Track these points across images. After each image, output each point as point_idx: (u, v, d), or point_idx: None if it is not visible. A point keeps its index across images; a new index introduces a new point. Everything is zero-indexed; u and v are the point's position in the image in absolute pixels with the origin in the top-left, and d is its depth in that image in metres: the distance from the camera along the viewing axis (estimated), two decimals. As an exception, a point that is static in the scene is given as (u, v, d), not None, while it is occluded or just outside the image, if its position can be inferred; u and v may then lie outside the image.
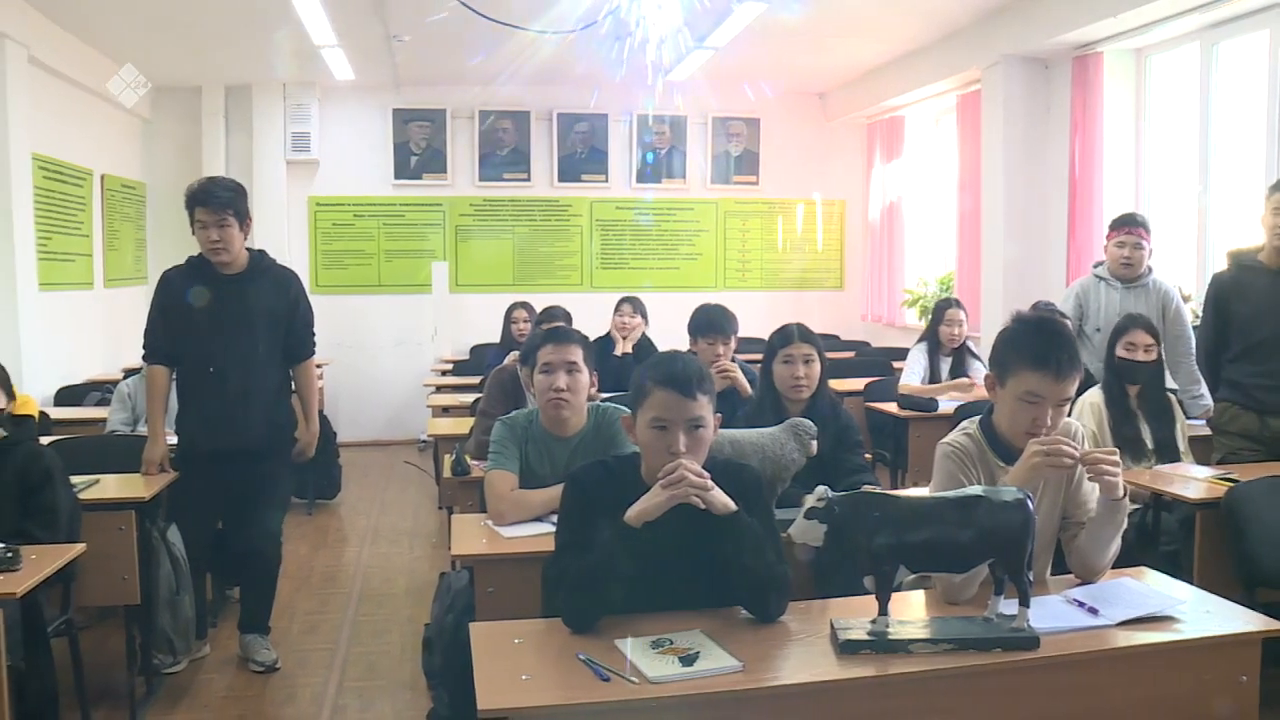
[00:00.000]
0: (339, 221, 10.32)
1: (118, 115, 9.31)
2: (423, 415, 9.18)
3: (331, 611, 5.48)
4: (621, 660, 2.23)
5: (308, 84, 9.86)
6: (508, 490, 3.42)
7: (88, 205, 8.56)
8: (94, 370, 8.26)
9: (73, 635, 3.82)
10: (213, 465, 4.50)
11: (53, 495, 3.63)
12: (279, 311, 4.57)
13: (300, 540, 6.58)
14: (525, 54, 8.62)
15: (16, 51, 6.87)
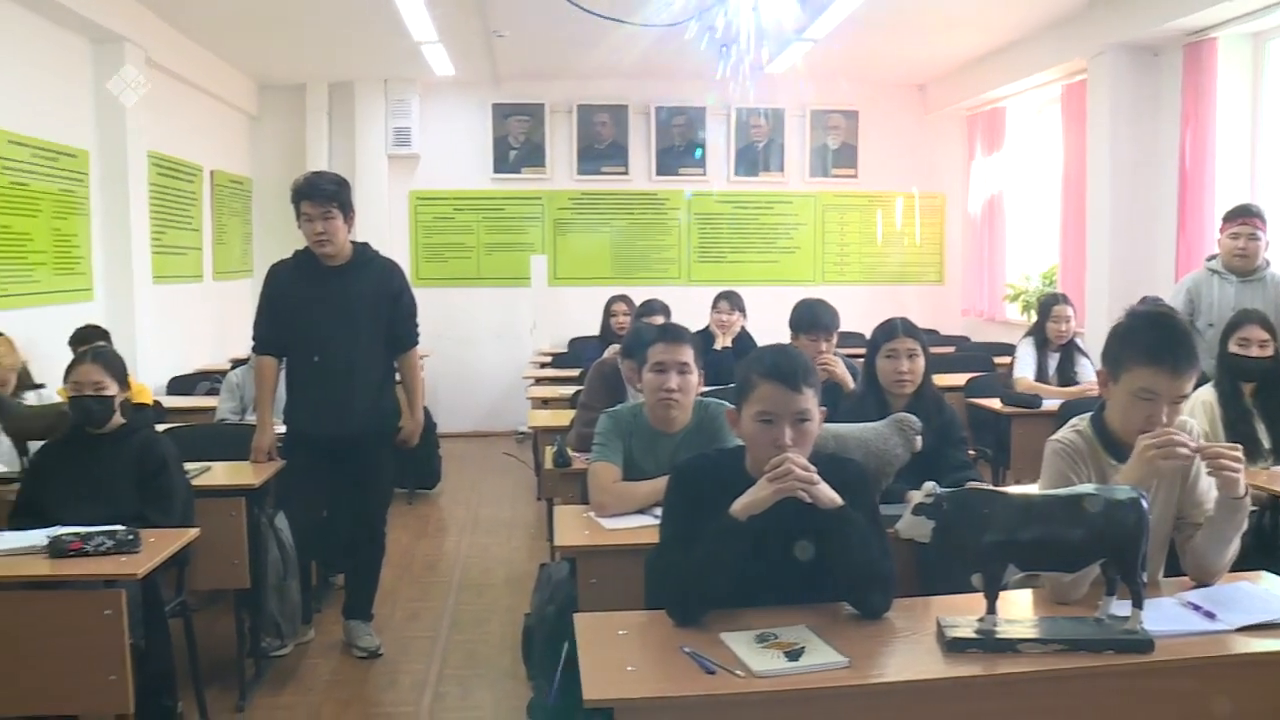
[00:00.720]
0: (439, 215, 10.46)
1: (227, 113, 9.56)
2: (521, 407, 9.28)
3: (432, 600, 5.56)
4: (726, 653, 2.23)
5: (408, 80, 10.00)
6: (611, 482, 3.44)
7: (198, 200, 8.80)
8: (203, 361, 8.49)
9: (187, 617, 3.94)
10: (319, 454, 4.60)
11: (168, 481, 3.74)
12: (382, 302, 4.64)
13: (402, 529, 6.68)
14: (624, 47, 8.64)
15: (135, 54, 7.08)
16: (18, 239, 5.94)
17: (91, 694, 3.13)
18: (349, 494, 4.72)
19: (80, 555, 3.16)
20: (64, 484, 3.70)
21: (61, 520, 3.48)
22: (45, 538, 3.24)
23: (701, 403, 3.61)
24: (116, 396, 3.77)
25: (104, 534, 3.22)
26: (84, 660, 3.09)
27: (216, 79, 8.94)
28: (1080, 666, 2.20)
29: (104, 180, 6.97)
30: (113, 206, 7.02)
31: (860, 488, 2.61)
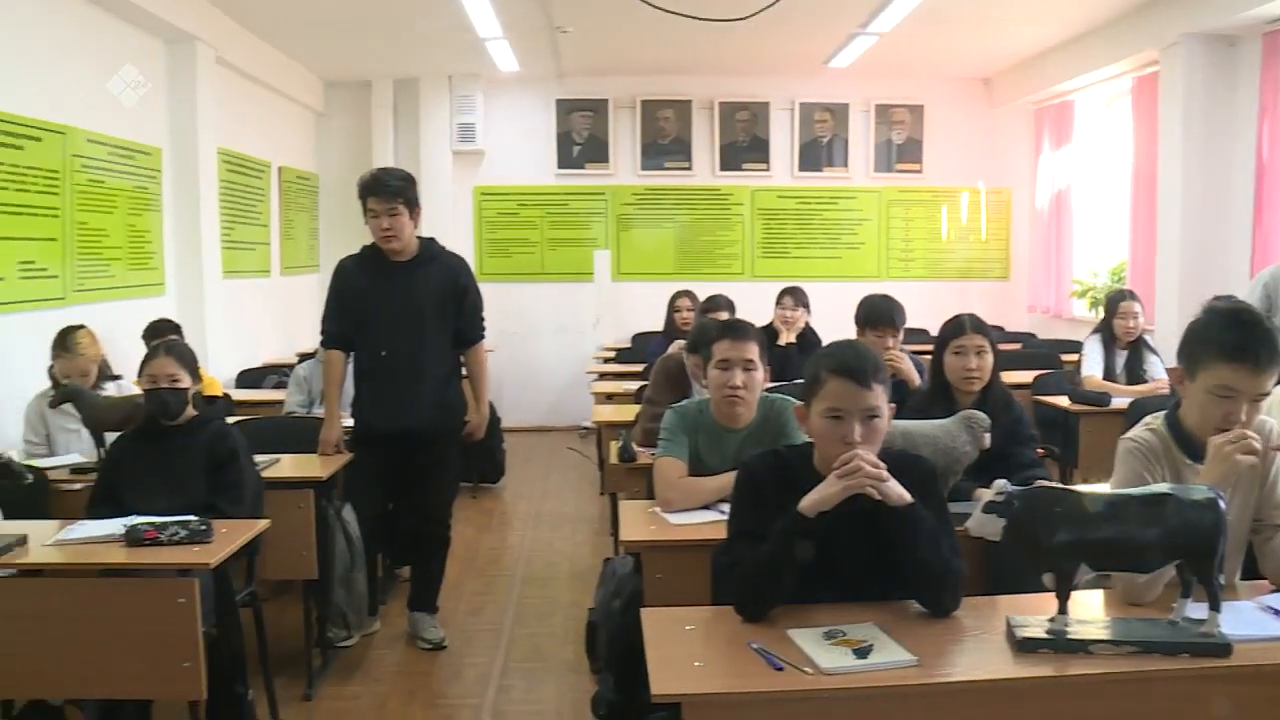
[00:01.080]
0: (503, 210, 10.53)
1: (294, 110, 9.69)
2: (584, 402, 9.31)
3: (496, 593, 5.60)
4: (794, 650, 2.22)
5: (473, 76, 10.06)
6: (676, 478, 3.44)
7: (266, 196, 8.93)
8: (270, 354, 8.62)
9: (256, 606, 4.00)
10: (386, 447, 4.64)
11: (239, 472, 3.79)
12: (449, 297, 4.67)
13: (466, 523, 6.73)
14: (688, 42, 8.64)
15: (206, 53, 7.21)
16: (95, 235, 6.07)
17: (165, 680, 3.18)
18: (415, 488, 4.77)
19: (155, 544, 3.22)
20: (138, 474, 3.77)
21: (136, 509, 3.54)
22: (122, 527, 3.30)
23: (767, 398, 3.60)
24: (190, 389, 3.84)
25: (178, 524, 3.28)
26: (158, 647, 3.14)
27: (284, 77, 9.07)
28: (1155, 669, 2.17)
29: (176, 177, 7.11)
30: (184, 203, 7.15)
31: (929, 485, 2.59)
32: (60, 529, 3.44)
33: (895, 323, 4.84)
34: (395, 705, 4.25)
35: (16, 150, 5.29)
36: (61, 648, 3.19)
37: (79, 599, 3.22)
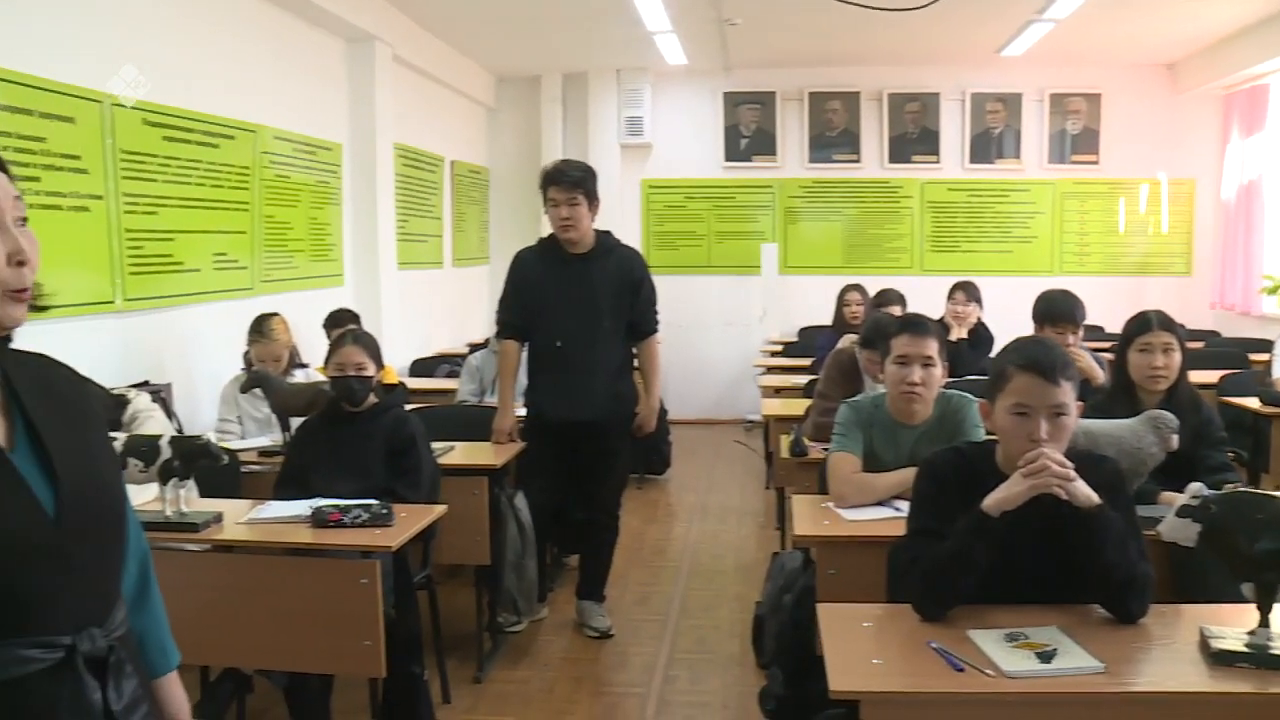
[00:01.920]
0: (670, 203, 10.58)
1: (466, 105, 9.92)
2: (750, 395, 9.30)
3: (662, 584, 5.63)
4: (974, 651, 2.18)
5: (640, 70, 10.13)
6: (851, 473, 3.41)
7: (439, 190, 9.17)
8: (442, 344, 8.86)
9: (431, 590, 4.12)
10: (558, 437, 4.72)
11: (417, 458, 3.90)
12: (624, 290, 4.72)
13: (632, 514, 6.79)
14: (857, 33, 8.54)
15: (384, 51, 7.44)
16: (280, 228, 6.33)
17: (347, 657, 3.31)
18: (585, 477, 4.83)
19: (339, 526, 3.35)
20: (322, 457, 3.91)
21: (319, 491, 3.70)
22: (308, 508, 3.45)
23: (944, 395, 3.53)
24: (373, 377, 3.97)
25: (361, 507, 3.40)
26: (341, 625, 3.27)
27: (457, 73, 9.28)
28: (1368, 689, 2.06)
29: (355, 171, 7.35)
30: (362, 196, 7.39)
31: (1117, 486, 2.51)
32: (251, 508, 3.61)
33: (1076, 318, 4.69)
34: (563, 691, 4.32)
35: (213, 149, 5.56)
36: (252, 620, 3.35)
37: (268, 575, 3.38)
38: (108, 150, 4.71)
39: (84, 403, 1.58)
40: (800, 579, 3.69)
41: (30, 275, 1.42)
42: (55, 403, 1.51)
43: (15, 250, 1.40)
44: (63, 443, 1.47)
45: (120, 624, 1.53)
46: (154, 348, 5.15)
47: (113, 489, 1.55)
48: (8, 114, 4.10)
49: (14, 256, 1.40)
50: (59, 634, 1.41)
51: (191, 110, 5.36)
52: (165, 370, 5.14)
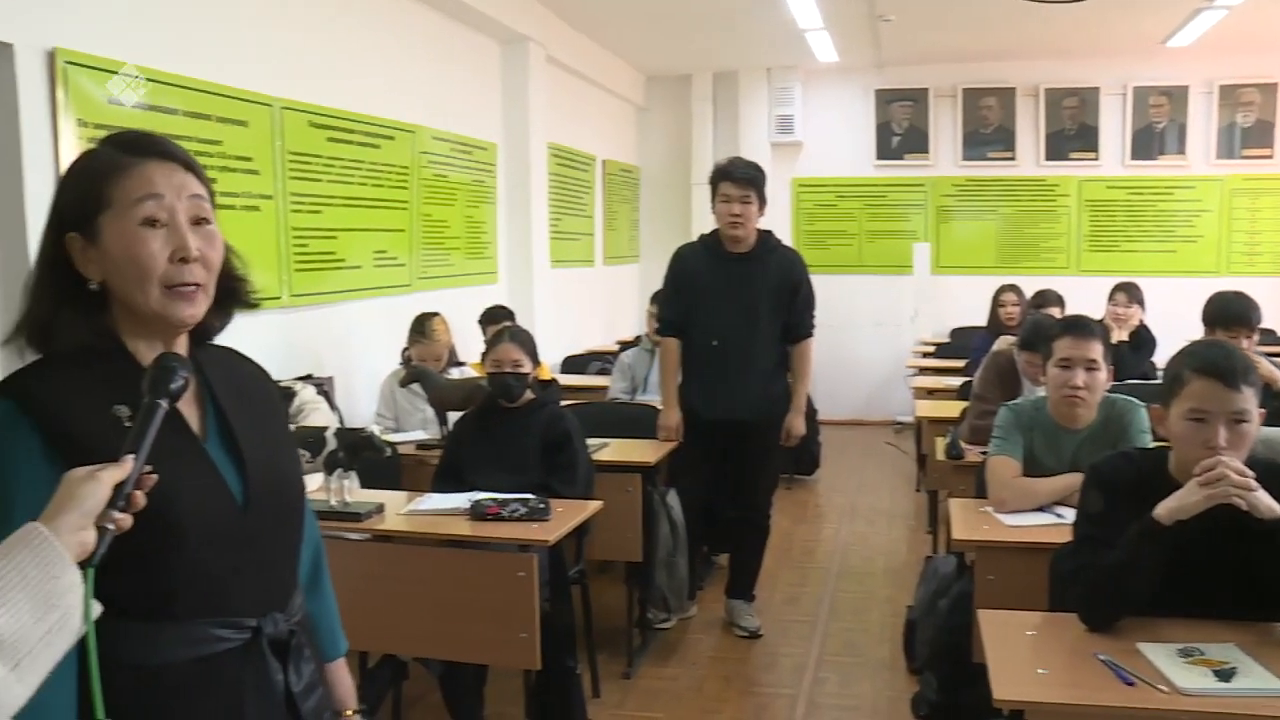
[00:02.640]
0: (821, 202, 10.48)
1: (617, 104, 10.00)
2: (900, 396, 9.18)
3: (811, 585, 5.59)
4: (1145, 665, 2.10)
5: (791, 67, 10.05)
6: (1011, 478, 3.32)
7: (591, 189, 9.27)
8: (593, 342, 8.94)
9: (584, 585, 4.17)
10: (711, 435, 4.72)
11: (572, 454, 3.95)
12: (782, 291, 4.70)
13: (781, 513, 6.72)
14: (1013, 27, 8.32)
15: (537, 52, 7.54)
16: (437, 226, 6.48)
17: (503, 648, 3.36)
18: (737, 476, 4.83)
19: (497, 520, 3.41)
20: (479, 452, 3.99)
21: (476, 485, 3.77)
22: (467, 501, 3.52)
23: (1109, 399, 3.42)
24: (530, 374, 4.03)
25: (518, 501, 3.46)
26: (498, 617, 3.32)
27: (608, 72, 9.36)
28: None
29: (509, 171, 7.47)
30: (516, 195, 7.50)
31: (1303, 498, 2.38)
32: (410, 500, 3.70)
33: (1250, 321, 4.47)
34: (711, 689, 4.32)
35: (374, 149, 5.72)
36: (410, 610, 3.43)
37: (427, 566, 3.46)
38: (277, 152, 4.89)
39: (268, 396, 1.66)
40: (955, 584, 3.63)
41: (198, 272, 1.46)
42: (244, 396, 1.59)
43: (180, 247, 1.44)
44: (250, 434, 1.54)
45: (299, 609, 1.61)
46: (316, 342, 5.32)
47: (294, 479, 1.63)
48: (188, 119, 4.30)
49: (178, 253, 1.45)
50: (245, 616, 1.48)
51: (354, 112, 5.53)
52: (327, 364, 5.31)
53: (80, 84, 3.77)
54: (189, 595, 1.43)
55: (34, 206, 3.61)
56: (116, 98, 3.94)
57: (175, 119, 4.22)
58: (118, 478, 1.22)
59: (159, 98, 4.15)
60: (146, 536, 1.30)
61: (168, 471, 1.33)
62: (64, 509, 1.17)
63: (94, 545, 1.17)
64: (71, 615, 1.12)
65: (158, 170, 1.46)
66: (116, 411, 1.32)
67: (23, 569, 1.10)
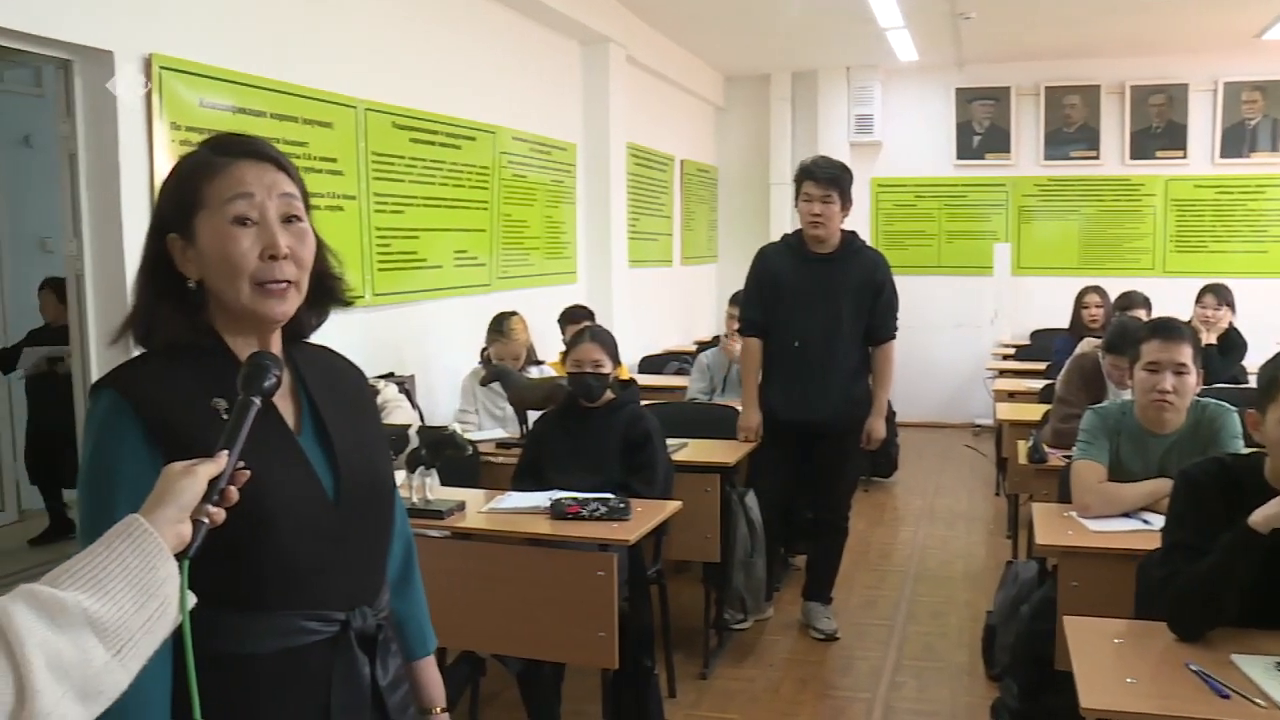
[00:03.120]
0: (900, 202, 10.38)
1: (696, 105, 10.00)
2: (979, 399, 9.07)
3: (888, 588, 5.54)
4: (1239, 677, 2.06)
5: (871, 67, 9.98)
6: (1096, 482, 3.26)
7: (669, 189, 9.27)
8: (670, 342, 8.96)
9: (662, 584, 4.17)
10: (791, 436, 4.70)
11: (652, 454, 3.95)
12: (865, 292, 4.66)
13: (858, 515, 6.66)
14: (1098, 22, 8.17)
15: (618, 53, 7.58)
16: (517, 226, 6.53)
17: (582, 647, 3.38)
18: (817, 478, 4.80)
19: (578, 519, 3.43)
20: (558, 451, 4.01)
21: (555, 484, 3.79)
22: (547, 500, 3.54)
23: (1199, 403, 3.34)
24: (610, 374, 4.04)
25: (599, 500, 3.47)
26: (577, 615, 3.34)
27: (687, 73, 9.36)
28: None
29: (588, 171, 7.51)
30: (595, 195, 7.54)
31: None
32: (490, 498, 3.73)
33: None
34: (787, 691, 4.30)
35: (455, 149, 5.78)
36: (489, 607, 3.46)
37: (506, 564, 3.48)
38: (360, 153, 4.96)
39: (361, 394, 1.69)
40: (1037, 590, 3.58)
41: (288, 269, 1.49)
42: (338, 393, 1.62)
43: (269, 245, 1.47)
44: (343, 429, 1.57)
45: (386, 605, 1.63)
46: (398, 340, 5.39)
47: (384, 475, 1.65)
48: (276, 121, 4.38)
49: (267, 250, 1.47)
50: (334, 609, 1.51)
51: (436, 113, 5.59)
52: (407, 362, 5.37)
53: (174, 88, 3.86)
54: (279, 587, 1.46)
55: (130, 208, 3.71)
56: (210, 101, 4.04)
57: (263, 121, 4.30)
58: (213, 473, 1.24)
59: (248, 100, 4.24)
60: (240, 528, 1.33)
61: (262, 465, 1.36)
62: (162, 502, 1.20)
63: (190, 538, 1.20)
64: (169, 605, 1.15)
65: (249, 169, 1.50)
66: (215, 405, 1.35)
67: (124, 560, 1.13)
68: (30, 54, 3.59)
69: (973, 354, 9.84)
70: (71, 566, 1.11)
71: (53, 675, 1.03)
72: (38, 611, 1.05)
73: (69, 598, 1.07)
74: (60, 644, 1.04)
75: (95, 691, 1.07)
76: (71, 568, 1.11)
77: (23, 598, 1.06)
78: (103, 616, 1.08)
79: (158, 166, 3.77)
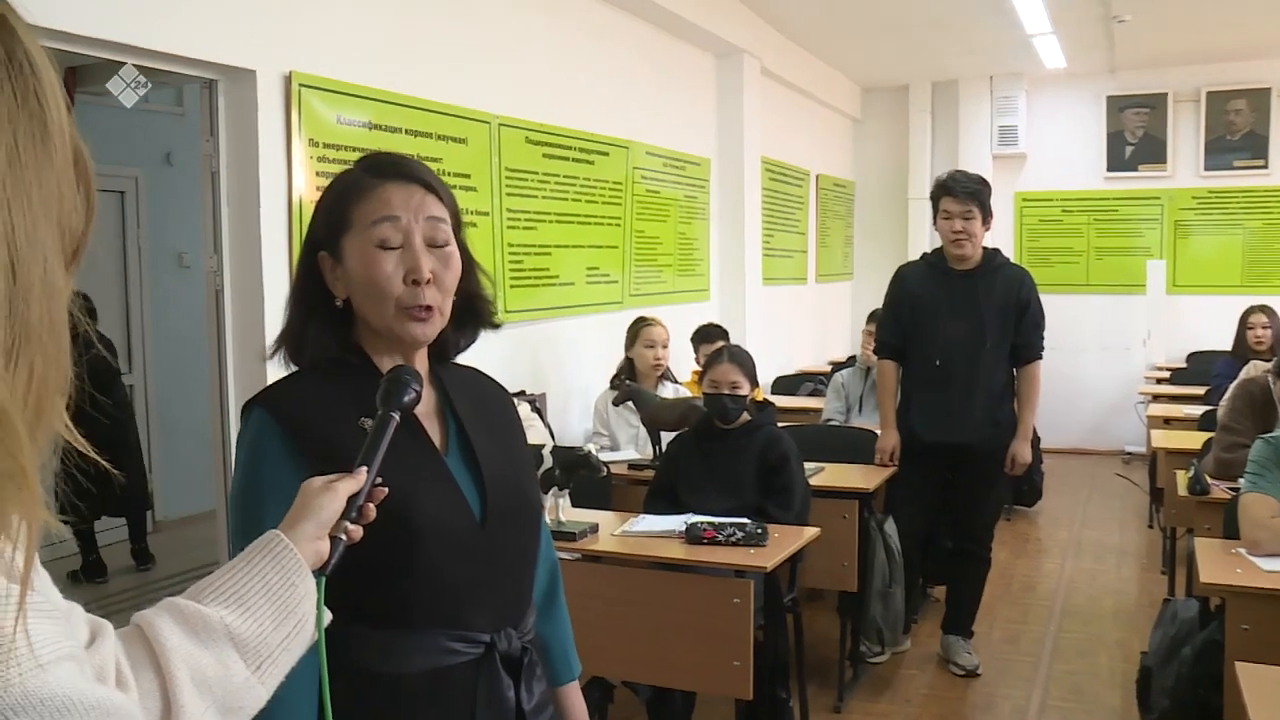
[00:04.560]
0: (1046, 217, 10.13)
1: (832, 117, 9.97)
2: (1130, 424, 8.81)
3: (1032, 624, 5.40)
4: None
5: (1015, 75, 9.77)
6: (1269, 517, 3.14)
7: (804, 204, 9.24)
8: (804, 361, 8.92)
9: (796, 613, 4.12)
10: (932, 461, 4.64)
11: (790, 478, 3.93)
12: (1009, 310, 4.59)
13: (1000, 545, 6.50)
14: (1268, 19, 7.86)
15: (752, 65, 7.57)
16: (649, 242, 6.57)
17: (716, 676, 3.37)
18: (958, 505, 4.73)
19: (713, 544, 3.43)
20: (693, 473, 4.02)
21: (689, 507, 3.80)
22: (682, 524, 3.55)
23: (1382, 435, 3.20)
24: (748, 395, 4.03)
25: (735, 525, 3.46)
26: (712, 643, 3.33)
27: (823, 84, 9.32)
28: None
29: (722, 186, 7.51)
30: (729, 211, 7.54)
31: None
32: (623, 521, 3.75)
33: None
34: (926, 729, 4.23)
35: (588, 165, 5.85)
36: (621, 632, 3.47)
37: (639, 588, 3.50)
38: (494, 168, 5.05)
39: (508, 415, 1.72)
40: (1200, 631, 3.45)
41: (430, 295, 1.52)
42: (485, 413, 1.66)
43: (412, 269, 1.50)
44: (490, 450, 1.60)
45: (531, 628, 1.65)
46: (529, 358, 5.46)
47: (531, 496, 1.68)
48: (411, 137, 4.48)
49: (410, 275, 1.50)
50: (480, 630, 1.53)
51: (569, 128, 5.66)
52: (539, 380, 5.43)
53: (312, 105, 3.99)
54: (425, 606, 1.49)
55: (268, 225, 3.83)
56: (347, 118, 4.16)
57: (399, 137, 4.41)
58: (352, 489, 1.26)
59: (384, 117, 4.35)
60: (386, 545, 1.37)
61: (408, 483, 1.40)
62: (302, 518, 1.23)
63: (328, 554, 1.23)
64: (307, 622, 1.17)
65: (396, 192, 1.53)
66: (361, 423, 1.38)
67: (264, 575, 1.15)
68: (175, 74, 3.73)
69: (1122, 377, 9.57)
70: (214, 581, 1.14)
71: (197, 690, 1.05)
72: (183, 626, 1.07)
73: (212, 613, 1.09)
74: (204, 659, 1.07)
75: (236, 707, 1.09)
76: (214, 582, 1.14)
77: (168, 611, 1.09)
78: (243, 632, 1.10)
79: (296, 183, 3.90)
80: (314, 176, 3.96)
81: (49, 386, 0.80)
